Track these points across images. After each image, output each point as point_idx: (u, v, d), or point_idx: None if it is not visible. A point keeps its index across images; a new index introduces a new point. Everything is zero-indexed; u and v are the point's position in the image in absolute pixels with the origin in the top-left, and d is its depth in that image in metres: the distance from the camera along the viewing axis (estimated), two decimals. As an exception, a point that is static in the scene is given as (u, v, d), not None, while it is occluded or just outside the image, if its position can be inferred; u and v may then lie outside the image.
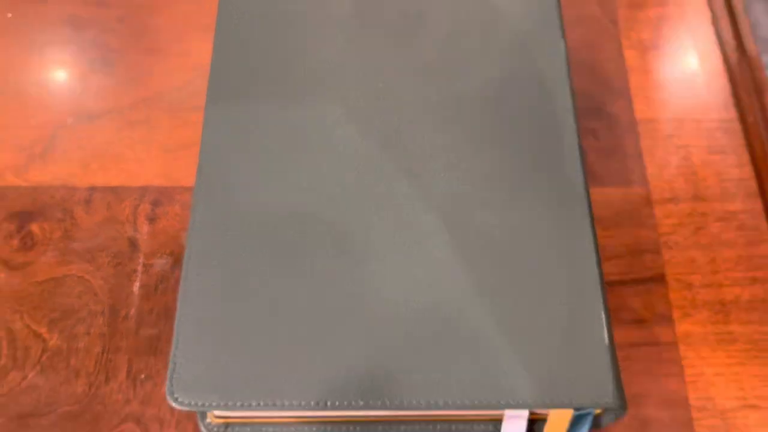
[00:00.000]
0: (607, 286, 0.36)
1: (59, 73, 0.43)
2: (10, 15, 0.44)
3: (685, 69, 0.43)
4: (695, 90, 0.42)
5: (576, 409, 0.31)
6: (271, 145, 0.33)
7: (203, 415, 0.33)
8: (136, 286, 0.36)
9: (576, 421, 0.31)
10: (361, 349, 0.29)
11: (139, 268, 0.37)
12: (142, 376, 0.34)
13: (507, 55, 0.36)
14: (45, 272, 0.37)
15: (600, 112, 0.41)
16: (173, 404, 0.28)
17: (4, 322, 0.35)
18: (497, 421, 0.33)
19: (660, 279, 0.37)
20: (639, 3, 0.45)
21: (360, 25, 0.36)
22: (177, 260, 0.37)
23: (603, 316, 0.30)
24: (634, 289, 0.36)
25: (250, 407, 0.28)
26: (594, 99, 0.41)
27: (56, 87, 0.42)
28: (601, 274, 0.31)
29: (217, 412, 0.33)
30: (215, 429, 0.33)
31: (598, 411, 0.32)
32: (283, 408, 0.28)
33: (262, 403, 0.28)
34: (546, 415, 0.32)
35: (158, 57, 0.43)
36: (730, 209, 0.39)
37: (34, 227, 0.38)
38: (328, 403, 0.28)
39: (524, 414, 0.32)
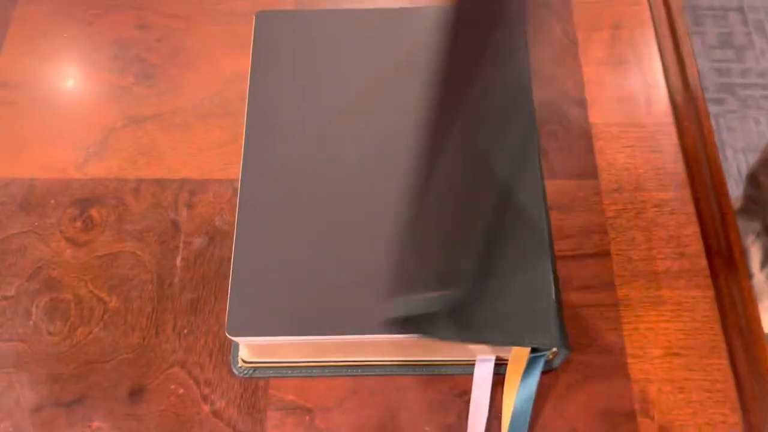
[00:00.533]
0: (562, 259, 0.44)
1: (109, 84, 0.51)
2: (65, 35, 0.53)
3: (632, 82, 0.51)
4: (640, 99, 0.50)
5: (531, 352, 0.39)
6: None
7: (235, 360, 0.41)
8: (178, 260, 0.44)
9: (532, 361, 0.39)
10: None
11: (181, 245, 0.45)
12: (185, 330, 0.42)
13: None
14: (104, 248, 0.44)
15: (560, 118, 0.49)
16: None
17: (72, 289, 0.43)
18: (470, 365, 0.41)
19: (605, 254, 0.44)
20: (595, 26, 0.53)
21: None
22: (211, 239, 0.45)
23: (551, 279, 0.38)
24: (583, 262, 0.44)
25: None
26: (555, 107, 0.49)
27: (107, 96, 0.50)
28: (552, 248, 0.39)
29: (246, 358, 0.41)
30: (245, 371, 0.41)
31: (550, 356, 0.41)
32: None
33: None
34: (508, 359, 0.40)
35: (192, 71, 0.51)
36: (664, 197, 0.46)
37: (94, 212, 0.46)
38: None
39: (492, 358, 0.40)
